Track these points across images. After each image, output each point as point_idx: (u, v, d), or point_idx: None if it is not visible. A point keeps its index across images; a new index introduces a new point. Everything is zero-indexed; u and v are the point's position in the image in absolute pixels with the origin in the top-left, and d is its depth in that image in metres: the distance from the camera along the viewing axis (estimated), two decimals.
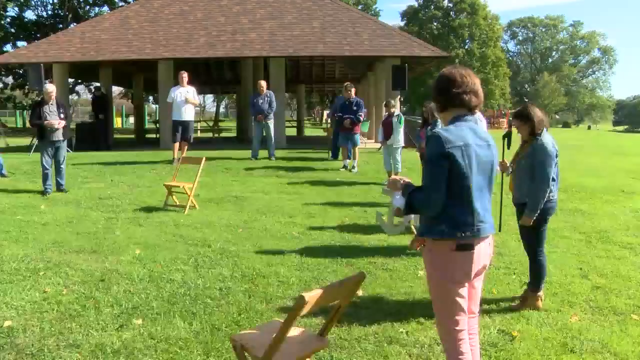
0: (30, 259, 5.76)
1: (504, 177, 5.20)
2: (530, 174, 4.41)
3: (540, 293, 4.53)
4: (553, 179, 4.39)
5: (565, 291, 4.93)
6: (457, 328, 2.82)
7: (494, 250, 6.09)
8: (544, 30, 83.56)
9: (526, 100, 61.75)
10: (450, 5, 56.59)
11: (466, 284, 2.82)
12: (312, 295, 2.76)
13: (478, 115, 6.07)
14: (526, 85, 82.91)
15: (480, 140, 2.81)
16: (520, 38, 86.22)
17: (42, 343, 3.82)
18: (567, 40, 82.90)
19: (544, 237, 4.56)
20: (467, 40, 55.51)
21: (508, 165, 4.85)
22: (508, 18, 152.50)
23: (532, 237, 4.54)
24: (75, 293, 4.77)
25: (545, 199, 4.37)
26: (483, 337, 3.93)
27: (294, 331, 3.05)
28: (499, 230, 6.46)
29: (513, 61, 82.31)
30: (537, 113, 4.45)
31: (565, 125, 67.70)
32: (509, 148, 5.16)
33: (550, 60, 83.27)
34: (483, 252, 2.85)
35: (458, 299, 2.79)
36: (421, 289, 4.87)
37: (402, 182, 2.91)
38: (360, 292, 4.65)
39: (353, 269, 5.48)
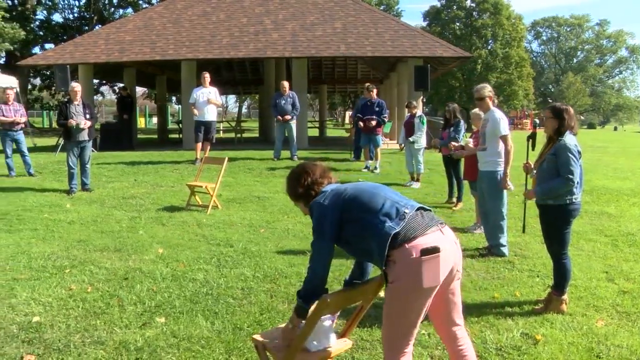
0: (57, 256, 5.87)
1: (528, 178, 5.14)
2: (552, 176, 4.36)
3: (565, 296, 4.46)
4: (577, 182, 4.34)
5: (591, 295, 4.85)
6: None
7: (517, 253, 6.03)
8: (568, 29, 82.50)
9: (550, 100, 61.03)
10: (473, 5, 56.07)
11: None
12: (334, 296, 2.76)
13: (497, 113, 6.04)
14: (550, 86, 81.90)
15: None
16: (545, 38, 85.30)
17: (68, 339, 3.88)
18: (593, 40, 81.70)
19: (567, 240, 4.50)
20: (490, 41, 54.91)
21: (532, 166, 4.80)
22: (532, 18, 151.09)
23: (556, 239, 4.47)
24: (99, 291, 4.84)
25: (569, 201, 4.32)
26: (505, 340, 3.89)
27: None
28: (523, 232, 6.38)
29: (537, 61, 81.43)
30: (571, 115, 4.40)
31: (591, 126, 66.79)
32: (533, 149, 5.10)
33: (575, 60, 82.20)
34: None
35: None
36: None
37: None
38: (382, 294, 4.62)
39: (375, 269, 5.45)
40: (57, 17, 63.26)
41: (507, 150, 5.97)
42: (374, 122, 11.94)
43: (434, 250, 2.56)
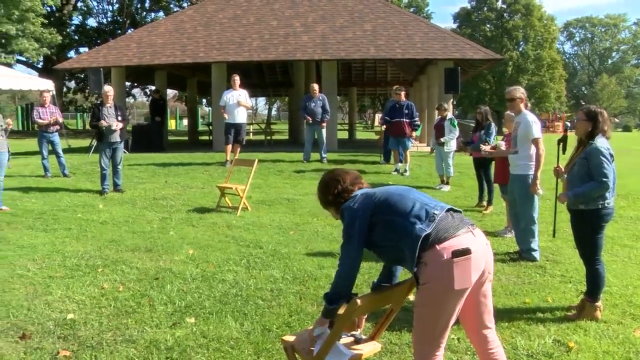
0: (90, 255, 5.98)
1: (559, 182, 5.05)
2: (583, 179, 4.28)
3: (599, 303, 4.36)
4: (610, 186, 4.25)
5: (627, 302, 4.73)
6: None
7: (549, 257, 5.93)
8: (603, 30, 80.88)
9: (583, 103, 59.93)
10: (504, 6, 55.42)
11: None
12: (364, 299, 2.75)
13: (529, 116, 5.96)
14: (583, 88, 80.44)
15: None
16: (578, 39, 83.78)
17: (100, 337, 3.95)
18: (630, 40, 79.87)
19: (600, 245, 4.40)
20: (521, 42, 54.22)
21: (562, 170, 4.72)
22: (565, 18, 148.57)
23: (588, 245, 4.38)
24: (130, 290, 4.91)
25: (601, 206, 4.23)
26: (537, 346, 3.82)
27: (345, 334, 3.05)
28: (553, 236, 6.28)
29: (569, 63, 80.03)
30: (606, 120, 4.31)
31: (626, 129, 65.29)
32: (564, 152, 5.02)
33: (609, 61, 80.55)
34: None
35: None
36: None
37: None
38: (411, 297, 4.59)
39: (405, 272, 5.41)
40: (91, 22, 64.70)
41: (538, 153, 5.88)
42: (410, 131, 11.94)
43: (466, 252, 2.55)
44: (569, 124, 6.92)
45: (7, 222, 7.56)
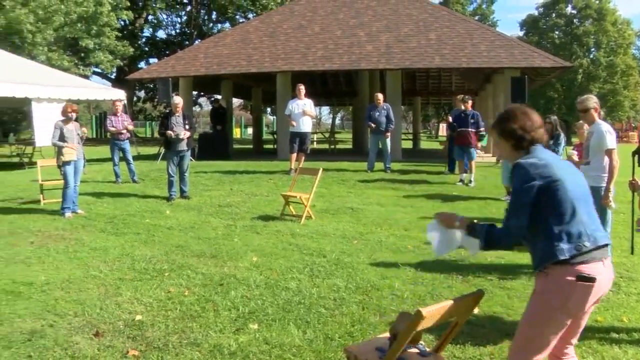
0: (157, 260, 6.15)
1: (635, 196, 4.81)
2: None
3: None
4: None
5: None
6: None
7: (624, 274, 5.66)
8: None
9: None
10: (574, 12, 53.64)
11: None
12: (429, 311, 2.70)
13: (603, 126, 5.71)
14: None
15: None
16: None
17: (167, 339, 4.05)
18: None
19: None
20: (593, 49, 52.28)
21: (638, 183, 4.49)
22: None
23: None
24: (196, 295, 5.01)
25: None
26: None
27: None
28: (631, 253, 5.99)
29: None
30: None
31: None
32: (639, 165, 4.78)
33: None
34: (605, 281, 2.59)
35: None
36: None
37: (459, 220, 2.79)
38: (476, 310, 4.49)
39: (469, 285, 5.32)
40: (160, 34, 67.04)
41: (612, 165, 5.62)
42: (476, 142, 11.76)
43: (591, 279, 2.48)
44: None
45: (82, 225, 7.90)
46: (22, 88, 14.55)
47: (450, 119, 12.60)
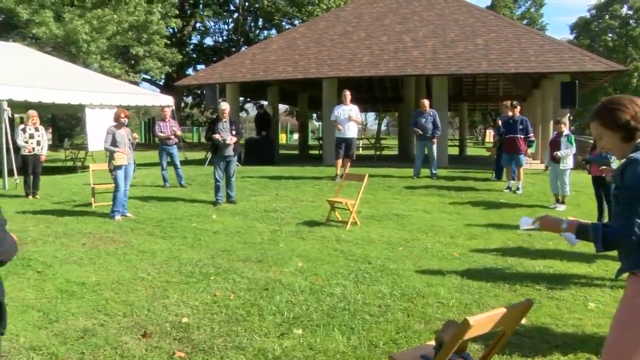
0: (203, 263, 6.24)
1: None
2: None
3: None
4: None
5: None
6: None
7: None
8: None
9: None
10: (630, 12, 51.95)
11: None
12: (476, 320, 2.64)
13: None
14: None
15: None
16: None
17: (212, 342, 4.10)
18: None
19: None
20: None
21: None
22: None
23: None
24: (241, 299, 5.06)
25: None
26: None
27: (454, 355, 2.94)
28: None
29: None
30: None
31: None
32: None
33: None
34: None
35: None
36: (591, 322, 4.48)
37: (567, 222, 2.62)
38: (523, 321, 4.38)
39: (516, 294, 5.20)
40: (208, 41, 68.27)
41: None
42: (526, 150, 11.63)
43: None
44: None
45: (131, 229, 8.08)
46: (77, 95, 15.03)
47: (500, 123, 12.39)
